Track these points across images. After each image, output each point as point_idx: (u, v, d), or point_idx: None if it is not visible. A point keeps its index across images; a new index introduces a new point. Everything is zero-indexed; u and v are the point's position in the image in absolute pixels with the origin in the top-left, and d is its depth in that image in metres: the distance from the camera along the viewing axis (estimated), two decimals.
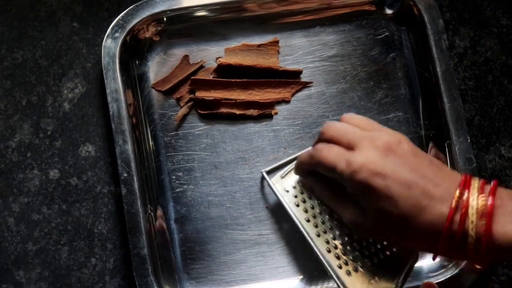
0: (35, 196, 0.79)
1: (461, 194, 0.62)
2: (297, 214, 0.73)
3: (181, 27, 0.83)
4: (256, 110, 0.81)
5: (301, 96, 0.82)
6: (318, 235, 0.72)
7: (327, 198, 0.72)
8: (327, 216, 0.73)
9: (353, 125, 0.69)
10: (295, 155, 0.76)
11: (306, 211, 0.73)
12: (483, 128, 0.82)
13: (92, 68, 0.82)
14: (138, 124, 0.80)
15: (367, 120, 0.70)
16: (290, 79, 0.82)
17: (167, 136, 0.80)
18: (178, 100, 0.81)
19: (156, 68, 0.82)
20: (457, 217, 0.61)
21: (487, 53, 0.84)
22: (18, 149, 0.80)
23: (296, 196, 0.74)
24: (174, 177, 0.79)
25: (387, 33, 0.83)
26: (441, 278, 0.76)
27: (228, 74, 0.81)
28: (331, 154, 0.67)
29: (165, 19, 0.81)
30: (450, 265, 0.77)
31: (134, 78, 0.81)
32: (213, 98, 0.80)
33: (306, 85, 0.82)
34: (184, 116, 0.81)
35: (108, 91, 0.78)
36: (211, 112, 0.81)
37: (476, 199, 0.62)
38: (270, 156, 0.80)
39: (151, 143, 0.80)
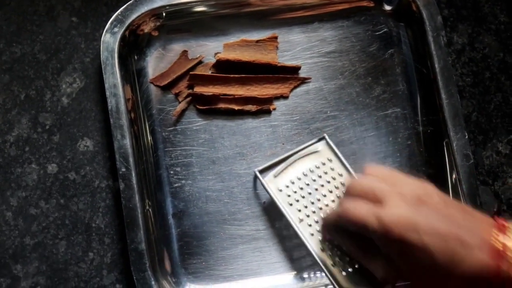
0: (33, 190, 0.79)
1: (497, 238, 0.60)
2: (291, 214, 0.73)
3: (180, 23, 0.83)
4: (254, 106, 0.81)
5: (299, 91, 0.82)
6: (312, 234, 0.72)
7: (357, 255, 0.68)
8: (321, 215, 0.73)
9: (377, 177, 0.66)
10: (287, 154, 0.77)
11: (299, 211, 0.74)
12: (480, 124, 0.82)
13: (91, 63, 0.82)
14: (137, 119, 0.80)
15: (391, 171, 0.68)
16: (289, 74, 0.82)
17: (165, 131, 0.80)
18: (177, 95, 0.81)
19: (155, 63, 0.82)
20: (503, 263, 0.60)
21: (485, 50, 0.84)
22: (16, 144, 0.80)
23: (289, 195, 0.74)
24: (172, 172, 0.79)
25: (385, 29, 0.83)
26: None
27: (226, 69, 0.81)
28: (360, 212, 0.64)
29: (164, 14, 0.81)
30: None
31: (132, 73, 0.81)
32: (211, 93, 0.80)
33: (304, 80, 0.82)
34: (183, 111, 0.81)
35: (106, 86, 0.78)
36: (209, 108, 0.81)
37: None
38: (268, 152, 0.80)
39: (149, 138, 0.80)
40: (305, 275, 0.78)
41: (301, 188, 0.75)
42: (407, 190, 0.64)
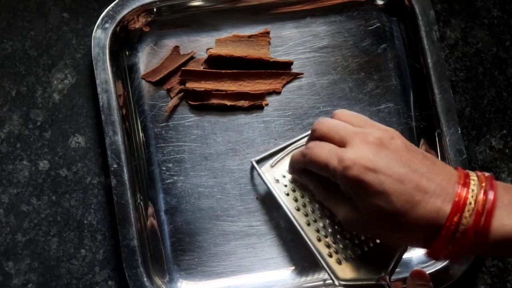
0: (24, 187, 0.79)
1: (461, 189, 0.62)
2: (287, 203, 0.73)
3: (172, 18, 0.82)
4: (247, 101, 0.81)
5: (291, 87, 0.82)
6: (308, 224, 0.72)
7: (321, 197, 0.71)
8: (317, 205, 0.73)
9: (345, 121, 0.68)
10: (284, 144, 0.77)
11: (296, 200, 0.74)
12: (473, 119, 0.82)
13: (82, 58, 0.82)
14: (128, 115, 0.80)
15: (359, 116, 0.69)
16: (281, 70, 0.81)
17: (157, 127, 0.80)
18: (169, 91, 0.81)
19: (146, 59, 0.82)
20: (457, 213, 0.61)
21: (478, 45, 0.84)
22: (7, 140, 0.79)
23: (286, 185, 0.75)
24: (164, 168, 0.79)
25: (378, 24, 0.83)
26: (431, 270, 0.76)
27: (218, 65, 0.81)
28: (323, 152, 0.66)
29: (155, 9, 0.81)
30: None
31: (124, 69, 0.81)
32: (203, 89, 0.80)
33: (296, 76, 0.82)
34: (175, 107, 0.80)
35: (98, 82, 0.78)
36: (201, 103, 0.80)
37: (476, 195, 0.62)
38: (260, 147, 0.80)
39: (141, 134, 0.80)
40: (299, 272, 0.78)
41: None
42: (371, 133, 0.65)
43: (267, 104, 0.81)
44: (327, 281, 0.76)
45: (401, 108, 0.81)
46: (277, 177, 0.75)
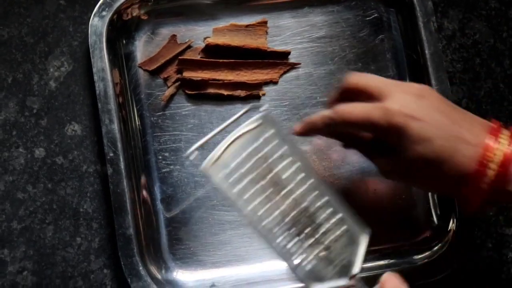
0: (20, 174, 0.78)
1: (491, 140, 0.65)
2: (241, 205, 0.65)
3: (169, 6, 0.82)
4: (244, 91, 0.80)
5: (289, 77, 0.82)
6: (267, 226, 0.65)
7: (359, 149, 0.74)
8: (272, 202, 0.66)
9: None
10: (217, 129, 0.69)
11: (248, 199, 0.65)
12: (470, 110, 0.81)
13: (79, 46, 0.81)
14: (125, 104, 0.79)
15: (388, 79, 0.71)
16: (278, 60, 0.81)
17: (153, 116, 0.80)
18: (165, 80, 0.81)
19: (143, 48, 0.81)
20: (484, 161, 0.64)
21: (476, 36, 0.84)
22: (3, 127, 0.79)
23: (234, 184, 0.66)
24: (160, 157, 0.79)
25: (376, 15, 0.83)
26: (426, 260, 0.76)
27: (216, 54, 0.81)
28: (358, 108, 0.67)
29: None
30: (436, 248, 0.77)
31: (121, 57, 0.81)
32: (200, 78, 0.80)
33: (294, 66, 0.82)
34: (171, 96, 0.80)
35: (94, 70, 0.78)
36: (198, 93, 0.80)
37: (503, 146, 0.64)
38: None
39: (137, 123, 0.80)
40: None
41: (246, 173, 0.66)
42: (411, 85, 0.69)
43: (264, 94, 0.81)
44: None
45: None
46: (221, 174, 0.66)
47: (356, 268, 0.66)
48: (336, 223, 0.67)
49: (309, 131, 0.71)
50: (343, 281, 0.66)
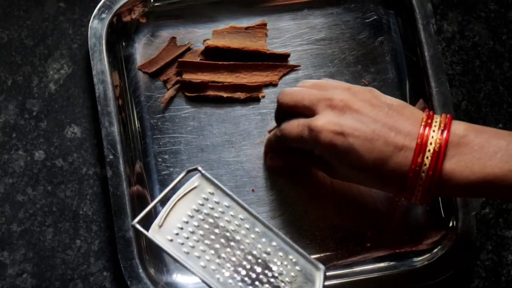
0: (20, 177, 0.78)
1: (423, 130, 0.65)
2: (192, 264, 0.67)
3: (169, 9, 0.82)
4: (244, 93, 0.81)
5: (288, 79, 0.82)
6: (221, 279, 0.67)
7: (302, 163, 0.77)
8: (222, 255, 0.68)
9: (308, 87, 0.71)
10: (159, 197, 0.71)
11: (199, 257, 0.67)
12: (470, 113, 0.82)
13: (78, 49, 0.81)
14: (124, 106, 0.79)
15: (320, 80, 0.72)
16: (278, 62, 0.81)
17: (153, 119, 0.80)
18: (165, 82, 0.81)
19: (143, 50, 0.81)
20: (420, 156, 0.64)
21: (475, 38, 0.84)
22: (3, 130, 0.79)
23: (182, 244, 0.67)
24: (160, 159, 0.79)
25: (375, 17, 0.83)
26: (424, 263, 0.76)
27: (215, 56, 0.81)
28: (294, 127, 0.70)
29: (152, 0, 0.81)
30: (436, 250, 0.77)
31: (120, 60, 0.81)
32: (200, 80, 0.80)
33: (293, 68, 0.82)
34: (171, 99, 0.80)
35: (94, 72, 0.78)
36: (198, 95, 0.80)
37: (435, 136, 0.64)
38: (257, 140, 0.80)
39: (137, 125, 0.80)
40: None
41: (192, 232, 0.68)
42: (334, 97, 0.68)
43: (263, 96, 0.81)
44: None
45: None
46: (169, 236, 0.67)
47: None
48: (289, 265, 0.69)
49: (270, 150, 0.77)
50: None
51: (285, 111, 0.72)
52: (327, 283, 0.73)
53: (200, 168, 0.70)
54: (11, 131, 0.79)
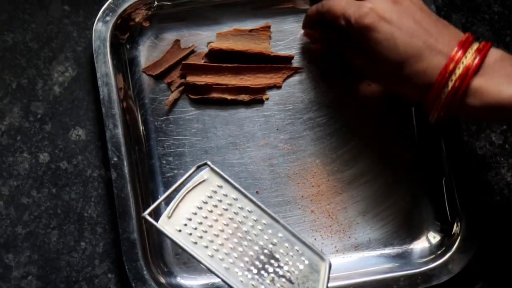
0: (24, 179, 0.79)
1: (458, 50, 0.66)
2: (199, 253, 0.69)
3: (173, 11, 0.82)
4: (247, 95, 0.81)
5: (292, 81, 0.82)
6: (228, 268, 0.69)
7: (333, 40, 0.78)
8: (229, 246, 0.70)
9: None
10: (170, 191, 0.71)
11: (206, 247, 0.69)
12: None
13: (83, 51, 0.81)
14: (129, 109, 0.79)
15: None
16: (282, 64, 0.82)
17: (157, 121, 0.80)
18: (169, 84, 0.81)
19: (147, 53, 0.82)
20: (446, 72, 0.66)
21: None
22: (8, 132, 0.79)
23: (190, 234, 0.70)
24: (164, 161, 0.79)
25: None
26: (430, 265, 0.76)
27: (219, 59, 0.81)
28: (341, 3, 0.71)
29: (156, 2, 0.81)
30: (440, 251, 0.77)
31: (125, 62, 0.81)
32: (204, 83, 0.80)
33: (297, 70, 0.82)
34: (175, 101, 0.80)
35: (98, 75, 0.78)
36: (202, 97, 0.80)
37: (468, 57, 0.66)
38: (261, 142, 0.80)
39: (141, 128, 0.80)
40: None
41: (200, 223, 0.70)
42: None
43: (267, 98, 0.81)
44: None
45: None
46: (178, 227, 0.70)
47: None
48: (295, 256, 0.70)
49: (307, 23, 0.79)
50: None
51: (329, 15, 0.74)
52: (331, 284, 0.73)
53: (209, 163, 0.71)
54: (16, 133, 0.80)
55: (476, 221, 0.77)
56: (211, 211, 0.71)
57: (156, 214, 0.72)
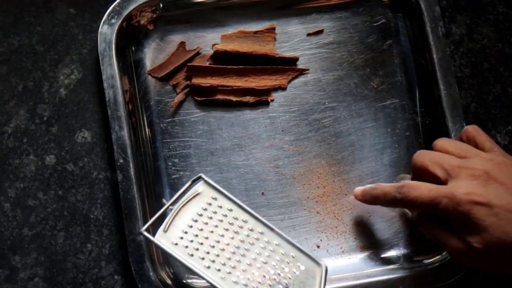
0: (31, 181, 0.79)
1: None
2: (196, 265, 0.70)
3: (178, 14, 0.82)
4: (253, 97, 0.81)
5: (297, 83, 0.82)
6: (224, 278, 0.70)
7: (425, 230, 0.72)
8: (226, 256, 0.71)
9: (446, 151, 0.69)
10: (167, 205, 0.73)
11: (203, 259, 0.71)
12: (479, 115, 0.82)
13: (88, 54, 0.82)
14: (134, 111, 0.80)
15: (460, 144, 0.70)
16: (287, 66, 0.82)
17: (163, 123, 0.80)
18: (175, 86, 0.81)
19: (153, 55, 0.82)
20: None
21: (484, 41, 0.84)
22: (14, 135, 0.80)
23: (186, 246, 0.71)
24: (170, 163, 0.79)
25: (383, 20, 0.83)
26: (436, 264, 0.76)
27: (224, 61, 0.81)
28: (424, 192, 0.67)
29: (161, 5, 0.81)
30: (444, 251, 0.77)
31: (130, 65, 0.81)
32: (209, 85, 0.80)
33: (302, 72, 0.82)
34: (181, 103, 0.81)
35: (104, 77, 0.78)
36: (207, 99, 0.81)
37: None
38: (266, 143, 0.80)
39: (147, 130, 0.80)
40: None
41: (196, 235, 0.71)
42: (476, 166, 0.66)
43: (272, 100, 0.81)
44: (334, 276, 0.76)
45: (406, 104, 0.81)
46: (174, 240, 0.71)
47: None
48: (291, 263, 0.71)
49: (370, 202, 0.74)
50: None
51: (416, 171, 0.70)
52: (336, 285, 0.73)
53: (203, 176, 0.73)
54: (22, 136, 0.80)
55: None
56: (206, 223, 0.72)
57: (157, 227, 0.72)
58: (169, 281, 0.76)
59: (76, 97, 0.81)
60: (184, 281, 0.77)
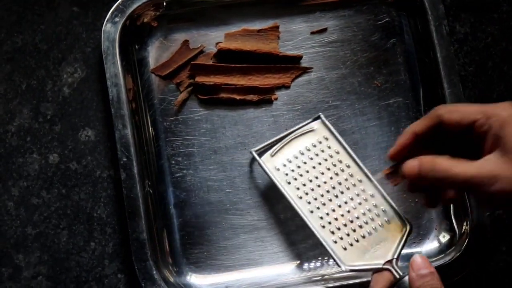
0: (34, 180, 0.79)
1: None
2: (289, 192, 0.74)
3: (181, 12, 0.82)
4: (256, 96, 0.81)
5: (301, 81, 0.82)
6: (312, 212, 0.73)
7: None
8: (319, 192, 0.74)
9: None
10: (283, 134, 0.77)
11: (298, 188, 0.74)
12: None
13: (92, 52, 0.82)
14: (138, 109, 0.80)
15: None
16: (290, 64, 0.82)
17: (166, 121, 0.80)
18: (178, 85, 0.81)
19: (156, 53, 0.82)
20: None
21: (488, 39, 0.84)
22: (17, 133, 0.80)
23: (287, 174, 0.75)
24: (173, 162, 0.79)
25: (387, 19, 0.83)
26: (436, 264, 0.76)
27: (228, 59, 0.81)
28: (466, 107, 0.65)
29: (164, 3, 0.81)
30: (449, 250, 0.77)
31: (133, 63, 0.81)
32: (213, 83, 0.80)
33: (306, 70, 0.82)
34: (184, 101, 0.81)
35: (107, 75, 0.78)
36: (211, 97, 0.80)
37: None
38: (270, 141, 0.80)
39: (150, 128, 0.80)
40: (307, 265, 0.78)
41: (299, 167, 0.75)
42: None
43: (276, 98, 0.81)
44: (336, 275, 0.76)
45: (410, 102, 0.81)
46: (277, 166, 0.75)
47: (391, 254, 0.70)
48: (380, 214, 0.73)
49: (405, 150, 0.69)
50: (377, 265, 0.70)
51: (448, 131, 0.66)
52: (339, 283, 0.73)
53: (321, 115, 0.77)
54: (26, 134, 0.80)
55: (486, 219, 0.77)
56: (312, 159, 0.75)
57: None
58: (172, 279, 0.76)
59: (79, 96, 0.81)
60: (188, 280, 0.77)
